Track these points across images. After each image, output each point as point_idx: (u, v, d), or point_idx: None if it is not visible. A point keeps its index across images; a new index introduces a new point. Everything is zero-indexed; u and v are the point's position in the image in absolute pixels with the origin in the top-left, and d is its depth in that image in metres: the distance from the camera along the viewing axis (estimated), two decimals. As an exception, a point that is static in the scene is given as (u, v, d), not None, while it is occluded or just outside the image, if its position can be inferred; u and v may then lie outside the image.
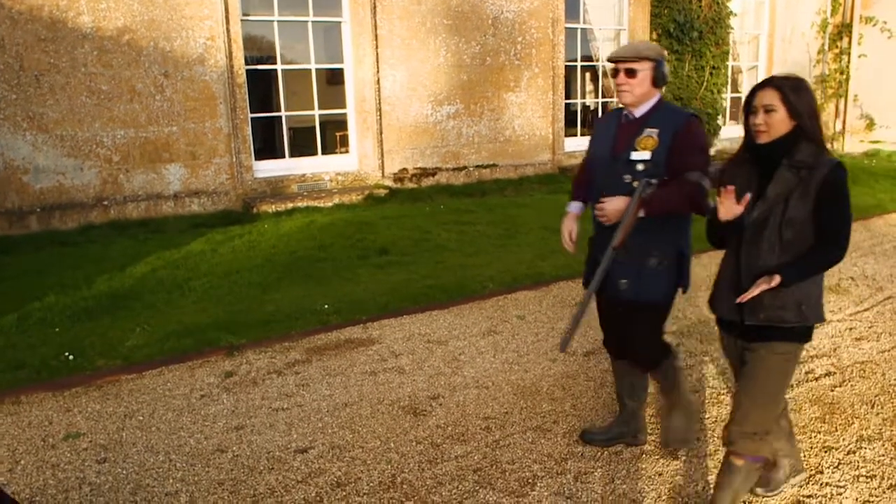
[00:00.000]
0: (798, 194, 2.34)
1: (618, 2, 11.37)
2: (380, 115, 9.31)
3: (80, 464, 3.24)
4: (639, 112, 2.91)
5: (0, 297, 5.35)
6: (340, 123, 9.81)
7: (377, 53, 9.17)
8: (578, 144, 11.33)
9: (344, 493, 2.98)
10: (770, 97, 2.35)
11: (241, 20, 8.44)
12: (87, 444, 3.42)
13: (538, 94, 10.49)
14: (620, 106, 3.01)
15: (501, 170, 10.34)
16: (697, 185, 2.77)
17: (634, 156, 2.85)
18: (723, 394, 3.84)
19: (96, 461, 3.27)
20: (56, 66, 7.50)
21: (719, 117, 12.06)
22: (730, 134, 12.50)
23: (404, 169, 9.57)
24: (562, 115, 10.80)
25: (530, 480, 3.06)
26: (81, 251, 6.83)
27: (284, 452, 3.30)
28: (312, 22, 9.07)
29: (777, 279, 2.32)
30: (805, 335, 2.53)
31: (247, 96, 8.54)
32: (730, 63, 12.21)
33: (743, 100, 2.50)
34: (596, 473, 3.11)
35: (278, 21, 8.87)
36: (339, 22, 9.20)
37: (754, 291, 2.36)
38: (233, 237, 7.01)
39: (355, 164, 9.46)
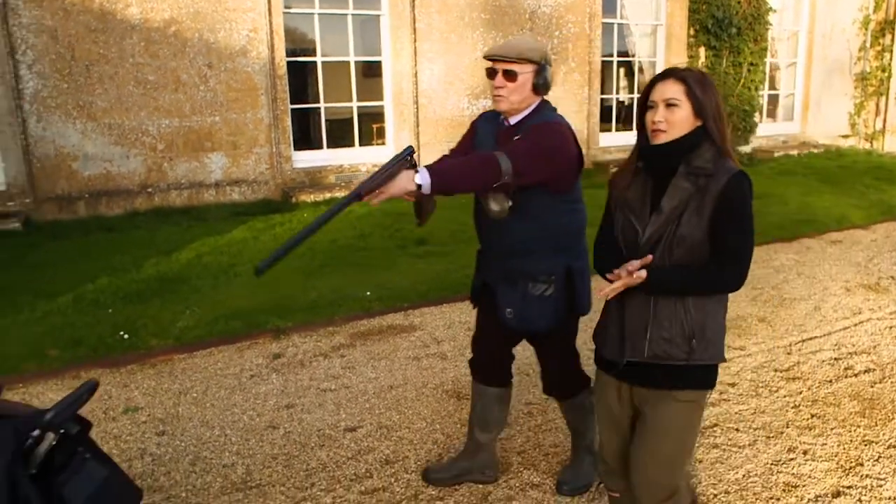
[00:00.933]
0: (693, 207, 1.96)
1: (655, -3, 11.34)
2: (417, 108, 9.41)
3: (140, 435, 3.40)
4: (514, 119, 2.57)
5: (55, 279, 5.56)
6: (377, 116, 9.93)
7: (415, 47, 9.27)
8: (613, 140, 11.34)
9: (392, 471, 3.09)
10: (673, 90, 1.97)
11: (283, 13, 8.59)
12: (146, 417, 3.59)
13: (574, 89, 10.51)
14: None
15: (535, 164, 10.38)
16: (493, 159, 2.31)
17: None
18: (760, 387, 3.88)
19: (155, 433, 3.43)
20: (105, 56, 7.72)
21: (756, 114, 11.96)
22: (766, 131, 12.41)
23: (440, 161, 9.66)
24: (597, 111, 10.81)
25: (573, 464, 3.14)
26: (128, 236, 7.03)
27: (334, 430, 3.43)
28: (352, 15, 9.20)
29: (642, 275, 1.94)
30: (705, 379, 2.07)
31: (287, 88, 8.69)
32: (768, 60, 12.10)
33: (638, 97, 2.13)
34: (636, 459, 3.18)
35: (319, 14, 9.01)
36: (378, 15, 9.31)
37: (615, 287, 1.99)
38: (273, 225, 7.17)
39: (391, 156, 9.56)
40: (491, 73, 2.51)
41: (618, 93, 11.91)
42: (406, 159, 2.33)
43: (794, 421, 3.51)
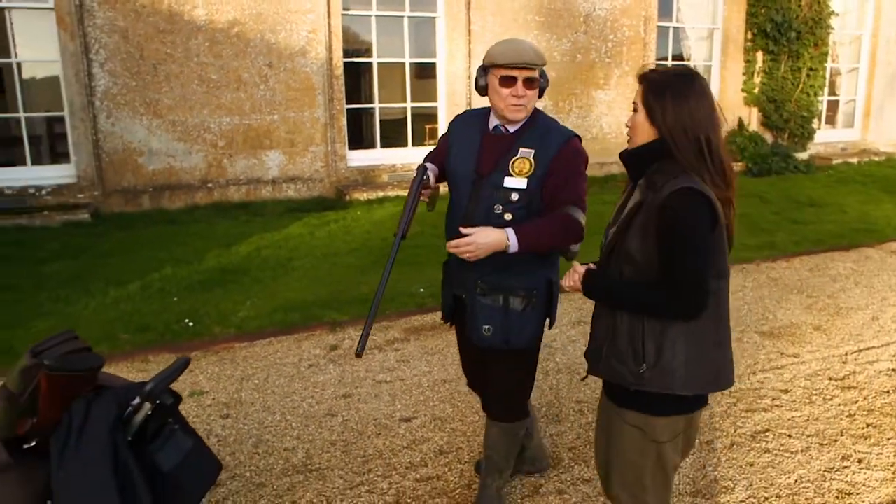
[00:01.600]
0: (639, 222, 1.81)
1: (712, 0, 11.21)
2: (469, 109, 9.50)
3: (206, 418, 3.57)
4: (514, 128, 2.40)
5: (123, 268, 5.82)
6: (430, 116, 10.06)
7: (469, 49, 9.37)
8: (665, 144, 11.26)
9: (447, 460, 3.19)
10: (637, 93, 1.86)
11: (342, 14, 8.79)
12: (211, 401, 3.76)
13: (628, 93, 10.46)
14: (481, 108, 2.56)
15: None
16: (575, 222, 2.28)
17: (509, 182, 2.32)
18: (814, 395, 3.86)
19: (220, 416, 3.59)
20: (172, 56, 8.02)
21: (814, 121, 11.72)
22: (825, 138, 12.14)
23: (491, 163, 9.74)
24: (650, 114, 10.74)
25: (623, 461, 3.19)
26: (188, 229, 7.29)
27: (390, 420, 3.54)
28: (408, 17, 9.35)
29: (579, 275, 1.90)
30: (657, 406, 1.87)
31: (343, 88, 8.89)
32: (828, 65, 11.84)
33: None
34: (687, 460, 3.20)
35: (376, 16, 9.19)
36: (434, 17, 9.44)
37: (566, 281, 1.95)
38: (328, 222, 7.35)
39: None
40: (507, 82, 2.29)
41: (671, 97, 11.81)
42: (425, 180, 2.40)
43: (849, 429, 3.49)
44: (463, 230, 2.19)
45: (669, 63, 11.20)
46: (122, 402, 1.72)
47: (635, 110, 1.87)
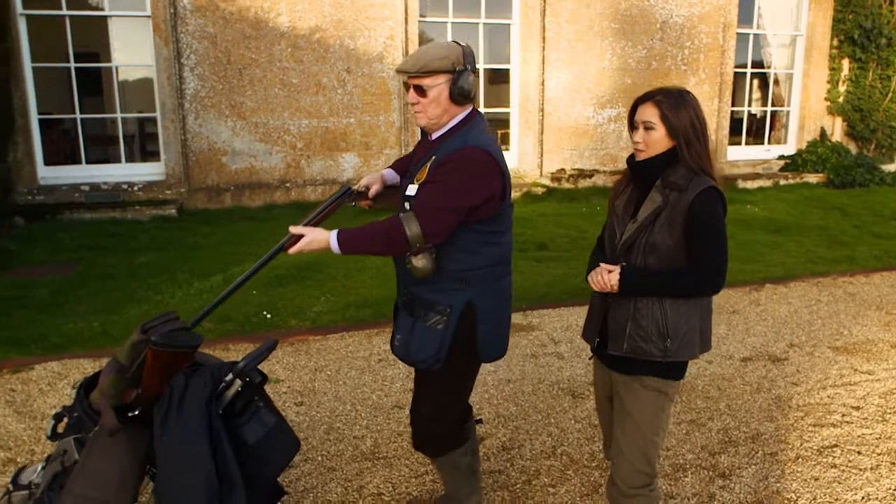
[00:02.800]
0: (664, 218, 2.12)
1: (796, 5, 10.92)
2: (542, 116, 9.58)
3: (281, 404, 3.78)
4: (436, 134, 2.33)
5: (207, 261, 6.16)
6: (502, 122, 10.17)
7: (543, 55, 9.44)
8: (742, 153, 11.03)
9: (509, 456, 3.29)
10: (649, 113, 2.15)
11: (419, 21, 9.01)
12: (286, 389, 3.97)
13: (703, 101, 10.29)
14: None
15: (659, 175, 10.29)
16: (399, 231, 2.16)
17: (409, 190, 2.28)
18: (888, 413, 3.77)
19: (294, 403, 3.80)
20: (256, 60, 8.40)
21: (904, 131, 11.26)
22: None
23: (562, 169, 9.78)
24: (726, 123, 10.56)
25: (683, 467, 3.22)
26: (267, 226, 7.63)
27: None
28: (483, 23, 9.49)
29: (616, 275, 2.12)
30: (674, 371, 2.26)
31: (418, 93, 9.09)
32: (921, 73, 11.35)
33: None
34: (750, 470, 3.21)
35: (452, 22, 9.37)
36: (508, 24, 9.56)
37: (596, 281, 2.16)
38: (400, 223, 7.54)
39: (515, 162, 9.79)
40: (406, 87, 2.31)
41: (750, 105, 11.56)
42: (344, 198, 2.38)
43: (923, 449, 3.40)
44: (293, 229, 2.26)
45: (748, 70, 10.97)
46: (216, 378, 1.91)
47: (648, 129, 2.15)
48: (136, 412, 1.99)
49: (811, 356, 4.48)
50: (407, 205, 2.25)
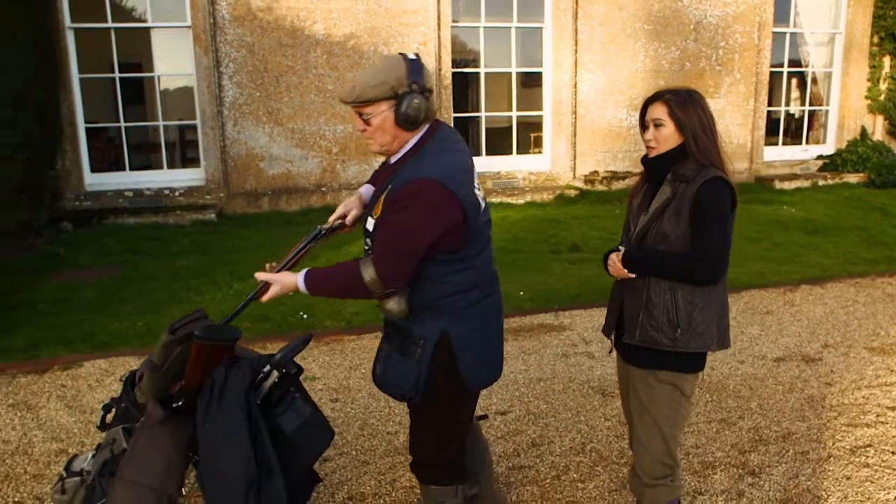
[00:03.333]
0: (673, 208, 2.22)
1: (835, 3, 10.75)
2: (574, 118, 9.60)
3: (317, 400, 3.81)
4: (394, 158, 2.18)
5: (246, 263, 6.32)
6: (535, 125, 10.22)
7: (576, 58, 9.46)
8: (778, 154, 10.89)
9: (538, 452, 3.35)
10: (658, 112, 2.26)
11: (451, 26, 9.11)
12: (322, 386, 4.09)
13: (738, 101, 10.22)
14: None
15: (693, 176, 10.21)
16: (357, 277, 2.05)
17: (369, 224, 2.16)
18: (925, 412, 3.73)
19: (330, 400, 3.91)
20: (292, 68, 8.59)
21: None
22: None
23: (595, 171, 9.78)
24: (762, 123, 10.43)
25: (712, 464, 3.24)
26: (303, 230, 7.71)
27: (486, 412, 3.73)
28: (515, 27, 9.56)
29: (619, 255, 2.26)
30: (687, 364, 2.29)
31: (451, 97, 9.20)
32: (965, 70, 11.08)
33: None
34: (780, 468, 3.22)
35: (484, 27, 9.45)
36: (541, 27, 9.60)
37: (611, 266, 2.29)
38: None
39: (548, 165, 9.82)
40: (354, 116, 2.15)
41: (787, 104, 11.41)
42: (317, 240, 2.34)
43: (960, 449, 3.37)
44: (260, 276, 2.25)
45: (785, 70, 10.84)
46: (254, 370, 2.01)
47: (658, 126, 2.26)
48: (181, 403, 2.11)
49: (846, 357, 4.45)
50: (369, 240, 2.15)
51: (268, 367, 2.02)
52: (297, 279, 2.16)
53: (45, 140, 7.58)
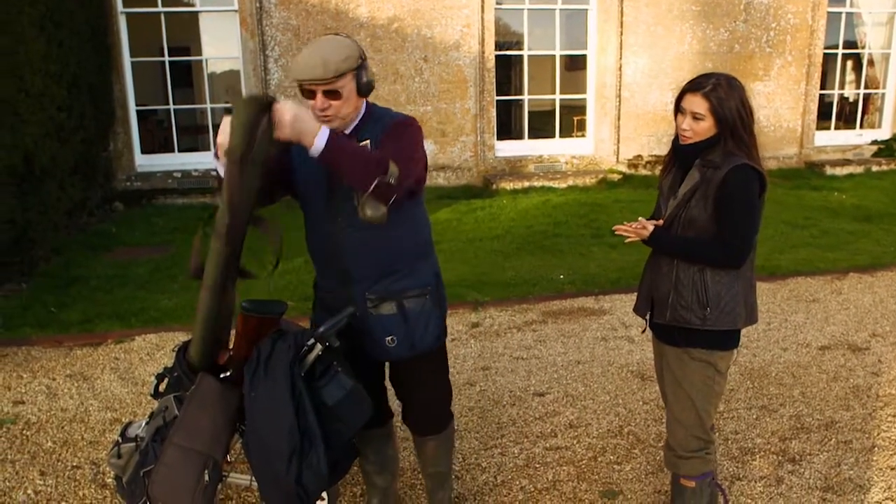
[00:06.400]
0: (700, 193, 2.26)
1: (894, -17, 10.37)
2: (619, 102, 9.48)
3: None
4: (349, 128, 2.24)
5: (289, 244, 6.38)
6: (578, 108, 10.12)
7: (621, 40, 9.33)
8: (830, 139, 10.58)
9: (576, 434, 3.37)
10: (699, 105, 2.24)
11: (495, 8, 9.06)
12: (363, 364, 4.17)
13: (789, 84, 9.96)
14: None
15: (741, 161, 10.02)
16: (383, 162, 2.01)
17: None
18: (977, 404, 3.64)
19: (371, 378, 3.98)
20: (337, 50, 8.64)
21: None
22: None
23: (639, 156, 9.66)
24: (814, 107, 10.15)
25: (752, 450, 3.22)
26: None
27: (525, 393, 3.77)
28: (560, 9, 9.46)
29: (649, 229, 2.30)
30: (719, 341, 2.35)
31: (494, 80, 9.17)
32: None
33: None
34: (821, 456, 3.18)
35: (528, 9, 9.38)
36: (585, 9, 9.48)
37: (623, 230, 2.38)
38: (475, 209, 7.67)
39: (591, 149, 9.74)
40: (307, 94, 2.13)
41: (841, 88, 11.07)
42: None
43: None
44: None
45: (839, 51, 10.51)
46: (298, 343, 2.07)
47: (697, 119, 2.25)
48: (229, 374, 2.19)
49: (895, 347, 4.35)
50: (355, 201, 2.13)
51: (312, 341, 2.08)
52: (320, 127, 1.97)
53: (99, 122, 7.82)
